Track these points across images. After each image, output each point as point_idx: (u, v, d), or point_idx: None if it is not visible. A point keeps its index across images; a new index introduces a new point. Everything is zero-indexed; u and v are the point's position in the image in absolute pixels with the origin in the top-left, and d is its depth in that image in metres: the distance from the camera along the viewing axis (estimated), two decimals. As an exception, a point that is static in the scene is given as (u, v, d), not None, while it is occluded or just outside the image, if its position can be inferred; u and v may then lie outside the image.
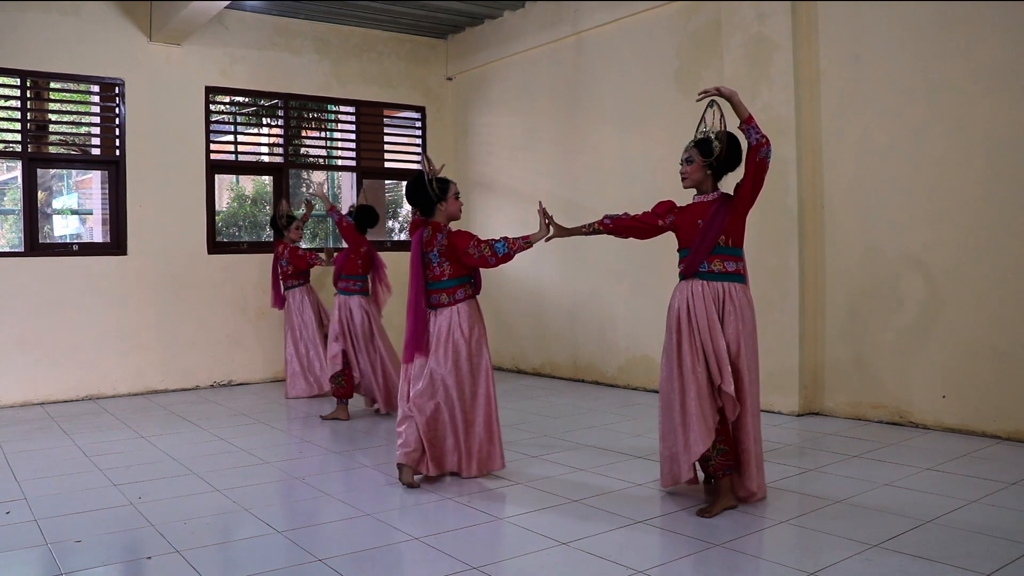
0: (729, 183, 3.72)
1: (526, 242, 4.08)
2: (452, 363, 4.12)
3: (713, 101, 3.69)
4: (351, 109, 8.44)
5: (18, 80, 6.71)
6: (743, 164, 3.60)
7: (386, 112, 8.76)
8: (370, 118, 8.56)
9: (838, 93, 5.50)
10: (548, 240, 4.13)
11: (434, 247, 4.14)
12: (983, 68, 4.80)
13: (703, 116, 3.72)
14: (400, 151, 8.79)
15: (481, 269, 4.24)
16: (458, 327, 4.13)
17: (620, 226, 3.86)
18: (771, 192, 5.70)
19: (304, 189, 11.83)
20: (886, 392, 5.29)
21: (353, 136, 8.47)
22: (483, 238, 4.15)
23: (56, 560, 3.12)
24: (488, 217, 8.40)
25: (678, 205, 3.81)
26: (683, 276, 3.67)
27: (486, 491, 3.99)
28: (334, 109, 8.77)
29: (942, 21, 4.96)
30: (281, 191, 7.95)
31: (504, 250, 4.05)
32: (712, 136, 3.64)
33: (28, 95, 6.90)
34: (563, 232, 4.05)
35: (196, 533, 3.41)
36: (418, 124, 8.82)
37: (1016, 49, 4.66)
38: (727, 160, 3.61)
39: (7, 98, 6.76)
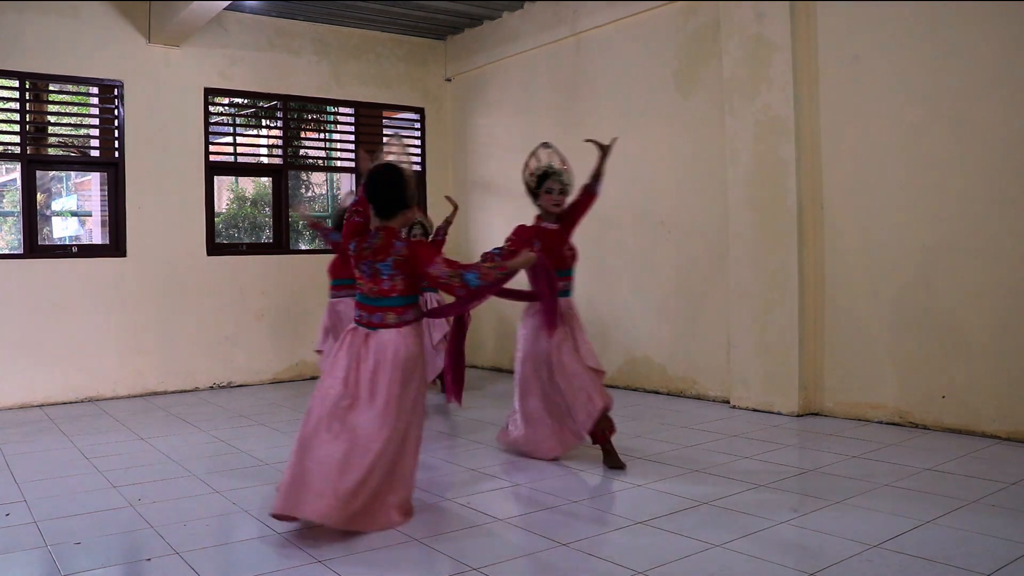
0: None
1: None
2: None
3: (547, 143, 4.58)
4: (350, 110, 8.44)
5: (17, 82, 6.71)
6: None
7: (385, 113, 8.76)
8: (369, 119, 8.56)
9: (837, 93, 5.50)
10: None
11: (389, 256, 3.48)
12: (982, 68, 4.80)
13: (535, 154, 4.51)
14: (399, 152, 8.79)
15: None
16: None
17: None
18: (771, 193, 5.72)
19: (304, 191, 11.82)
20: (886, 392, 5.29)
21: (352, 137, 8.47)
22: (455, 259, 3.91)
23: (56, 562, 3.12)
24: (488, 218, 8.40)
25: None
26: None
27: (485, 493, 3.99)
28: (333, 110, 8.78)
29: (941, 21, 4.96)
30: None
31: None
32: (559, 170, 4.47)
33: (27, 97, 6.90)
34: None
35: (196, 535, 3.41)
36: (417, 125, 8.82)
37: (1015, 49, 4.66)
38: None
39: (6, 100, 6.75)
